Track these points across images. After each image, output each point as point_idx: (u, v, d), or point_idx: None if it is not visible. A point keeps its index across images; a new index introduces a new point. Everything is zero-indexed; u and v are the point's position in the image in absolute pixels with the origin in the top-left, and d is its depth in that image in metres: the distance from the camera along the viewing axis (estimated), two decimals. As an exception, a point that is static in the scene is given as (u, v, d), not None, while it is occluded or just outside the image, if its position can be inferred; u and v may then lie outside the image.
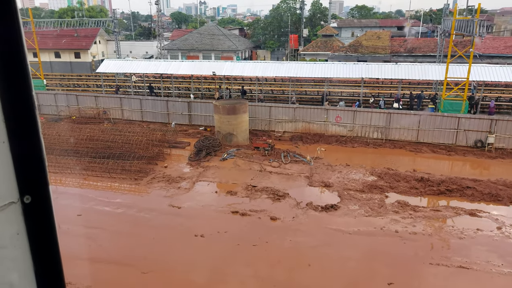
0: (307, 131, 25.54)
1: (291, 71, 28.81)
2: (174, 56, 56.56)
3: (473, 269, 12.16)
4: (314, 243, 13.81)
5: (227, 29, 72.94)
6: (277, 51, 65.32)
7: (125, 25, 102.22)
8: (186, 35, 61.48)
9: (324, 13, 71.16)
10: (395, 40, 49.25)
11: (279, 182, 18.80)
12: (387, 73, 27.07)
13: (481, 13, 23.95)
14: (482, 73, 25.43)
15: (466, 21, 24.93)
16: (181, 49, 57.41)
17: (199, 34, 59.72)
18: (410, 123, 23.74)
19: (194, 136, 25.81)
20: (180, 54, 57.24)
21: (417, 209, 15.87)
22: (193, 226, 14.92)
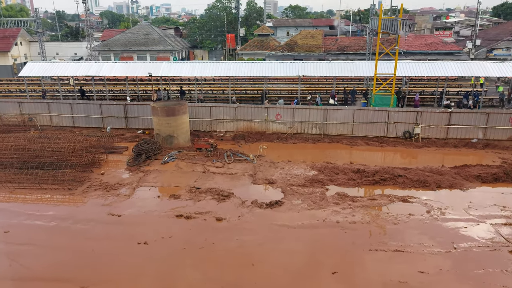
0: (249, 130, 25.73)
1: (230, 70, 28.81)
2: (106, 57, 53.96)
3: (407, 251, 13.05)
4: (260, 240, 13.94)
5: (162, 28, 71.12)
6: (215, 51, 65.03)
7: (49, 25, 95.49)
8: (118, 35, 58.95)
9: (259, 13, 72.15)
10: (328, 39, 51.32)
11: (223, 182, 18.72)
12: (322, 70, 28.12)
13: (403, 13, 25.72)
14: (407, 69, 27.37)
15: (391, 20, 26.66)
16: (114, 49, 54.94)
17: (133, 34, 57.56)
18: (345, 118, 24.88)
19: (132, 140, 24.81)
20: (113, 55, 54.77)
21: (356, 199, 16.68)
22: (135, 233, 14.32)
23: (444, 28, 65.88)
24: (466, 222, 14.85)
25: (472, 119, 23.86)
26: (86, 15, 47.89)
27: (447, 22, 75.52)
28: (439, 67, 27.10)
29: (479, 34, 50.55)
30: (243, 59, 50.64)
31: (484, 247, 13.24)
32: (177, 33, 72.88)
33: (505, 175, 18.57)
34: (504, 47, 48.81)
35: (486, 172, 18.87)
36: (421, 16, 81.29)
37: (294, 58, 44.07)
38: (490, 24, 71.05)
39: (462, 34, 68.33)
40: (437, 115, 24.06)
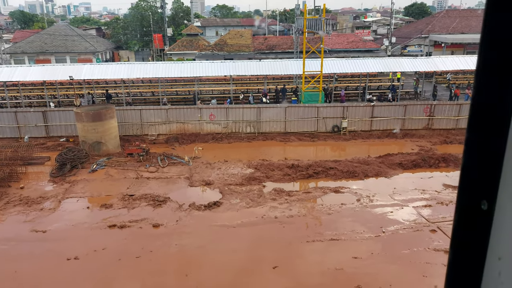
0: (183, 131, 25.20)
1: (159, 71, 27.98)
2: (20, 61, 49.38)
3: (342, 239, 13.72)
4: (200, 242, 13.73)
5: (82, 29, 66.87)
6: (142, 52, 62.72)
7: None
8: (33, 37, 54.30)
9: (186, 12, 71.04)
10: (257, 38, 52.13)
11: (158, 187, 18.12)
12: (253, 69, 28.49)
13: (326, 12, 26.98)
14: (332, 66, 28.78)
15: (315, 20, 27.82)
16: (28, 52, 50.51)
17: (49, 35, 53.38)
18: (277, 116, 25.47)
19: (55, 149, 22.99)
20: (27, 58, 50.33)
21: (292, 194, 17.15)
22: (64, 249, 13.30)
23: (363, 27, 70.41)
24: (392, 207, 16.01)
25: (392, 111, 25.78)
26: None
27: (365, 22, 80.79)
28: (361, 64, 28.90)
29: (394, 32, 54.83)
30: (172, 59, 49.49)
31: (409, 229, 14.38)
32: (99, 33, 69.03)
33: (422, 161, 20.35)
34: (416, 44, 53.50)
35: (407, 160, 20.51)
36: (342, 15, 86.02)
37: (224, 57, 44.08)
38: (403, 23, 77.40)
39: (379, 32, 73.52)
40: (362, 109, 25.62)
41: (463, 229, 0.96)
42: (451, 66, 29.34)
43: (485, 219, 0.90)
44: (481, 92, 0.87)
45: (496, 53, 0.83)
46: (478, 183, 0.91)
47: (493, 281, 0.91)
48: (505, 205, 0.86)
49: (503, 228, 0.87)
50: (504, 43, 0.81)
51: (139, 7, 65.81)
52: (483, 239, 0.91)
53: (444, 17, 56.83)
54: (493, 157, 0.86)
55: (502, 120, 0.83)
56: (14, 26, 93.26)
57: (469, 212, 0.94)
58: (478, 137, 0.89)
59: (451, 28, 53.35)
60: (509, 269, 0.86)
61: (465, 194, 0.94)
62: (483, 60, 0.85)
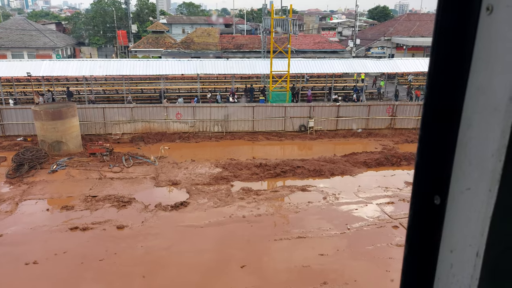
0: (148, 130, 24.66)
1: (123, 69, 27.22)
2: (-28, 55, 46.50)
3: (308, 237, 13.93)
4: (167, 244, 13.50)
5: (41, 23, 63.90)
6: (105, 48, 60.78)
7: None
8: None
9: (152, 9, 69.56)
10: (224, 37, 51.89)
11: (123, 187, 17.63)
12: (220, 68, 28.34)
13: (292, 13, 27.28)
14: (299, 66, 29.14)
15: (282, 20, 28.05)
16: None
17: (5, 29, 50.64)
18: (245, 115, 25.47)
19: (11, 149, 21.84)
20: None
21: (259, 193, 17.21)
22: (22, 253, 12.66)
23: (329, 28, 71.83)
24: (357, 205, 16.43)
25: (356, 111, 26.44)
26: None
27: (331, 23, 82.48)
28: (327, 65, 29.45)
29: (358, 34, 56.29)
30: (137, 57, 48.31)
31: (373, 225, 14.81)
32: (59, 28, 66.23)
33: (385, 160, 21.02)
34: (379, 46, 55.20)
35: (371, 158, 21.12)
36: (308, 16, 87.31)
37: (191, 56, 43.54)
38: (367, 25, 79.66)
39: (344, 34, 75.27)
40: (327, 109, 26.11)
41: (417, 223, 1.00)
42: (412, 68, 30.49)
43: (437, 213, 0.94)
44: (433, 91, 0.90)
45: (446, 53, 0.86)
46: (431, 178, 0.95)
47: (445, 273, 0.94)
48: (456, 200, 0.90)
49: (455, 222, 0.91)
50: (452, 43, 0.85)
51: (102, 2, 63.75)
52: (436, 232, 0.95)
53: (406, 21, 58.99)
54: (445, 154, 0.89)
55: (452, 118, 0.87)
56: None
57: (422, 207, 0.97)
58: (430, 134, 0.92)
59: (412, 31, 55.48)
60: (460, 261, 0.90)
61: (419, 190, 0.98)
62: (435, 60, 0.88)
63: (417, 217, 0.99)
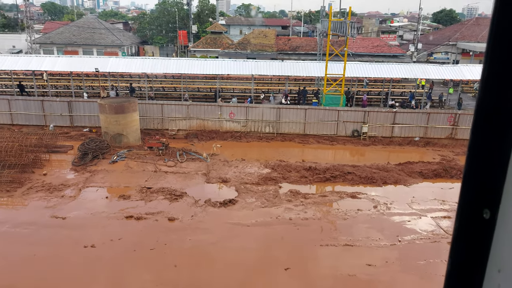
0: (202, 128, 25.41)
1: (182, 67, 28.27)
2: (48, 51, 50.73)
3: (356, 245, 13.57)
4: (214, 239, 13.82)
5: (110, 22, 68.25)
6: (166, 47, 63.48)
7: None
8: (62, 28, 55.69)
9: (212, 10, 71.54)
10: (280, 39, 52.03)
11: (175, 181, 18.33)
12: (275, 70, 28.46)
13: (351, 16, 26.73)
14: (355, 70, 28.46)
15: (340, 22, 27.58)
16: (57, 43, 51.82)
17: (78, 27, 54.65)
18: (297, 117, 25.38)
19: (78, 139, 23.56)
20: (56, 48, 51.65)
21: (307, 196, 17.06)
22: (82, 236, 13.62)
23: (389, 32, 69.34)
24: (410, 216, 15.73)
25: (414, 118, 25.30)
26: (25, 6, 44.74)
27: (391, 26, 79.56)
28: (385, 69, 28.48)
29: (421, 38, 53.78)
30: (195, 56, 49.94)
31: (426, 239, 14.10)
32: (126, 27, 70.28)
33: (444, 171, 19.91)
34: (443, 51, 52.34)
35: (427, 169, 20.11)
36: (368, 19, 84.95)
37: (247, 56, 44.18)
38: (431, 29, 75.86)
39: (405, 38, 72.27)
40: (383, 115, 25.24)
41: (463, 238, 0.92)
42: (478, 75, 28.56)
43: (486, 228, 0.87)
44: (485, 98, 0.84)
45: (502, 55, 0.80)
46: (480, 190, 0.87)
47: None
48: (508, 215, 0.83)
49: (505, 239, 0.84)
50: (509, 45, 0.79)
51: (166, 3, 66.67)
52: (483, 249, 0.88)
53: (474, 25, 55.36)
54: (497, 164, 0.83)
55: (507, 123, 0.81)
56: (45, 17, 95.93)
57: (470, 220, 0.90)
58: (482, 140, 0.86)
59: (480, 36, 51.93)
60: (509, 282, 0.83)
61: (467, 202, 0.91)
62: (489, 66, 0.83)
63: (463, 231, 0.92)
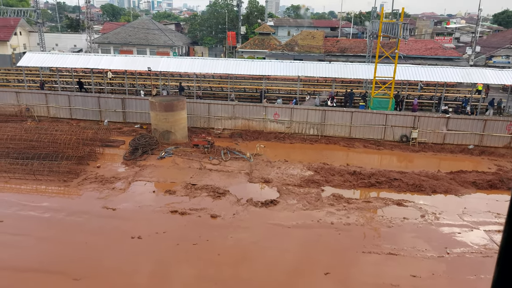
0: (247, 128, 25.71)
1: (229, 68, 28.76)
2: (106, 50, 53.68)
3: (400, 255, 13.10)
4: (255, 238, 13.95)
5: (163, 23, 70.88)
6: (215, 48, 64.88)
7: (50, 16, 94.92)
8: (119, 29, 58.66)
9: (261, 12, 72.08)
10: (329, 40, 51.34)
11: (219, 179, 18.70)
12: (322, 71, 28.14)
13: (404, 17, 25.80)
14: (406, 73, 27.44)
15: (391, 24, 26.71)
16: (114, 43, 54.67)
17: (133, 28, 57.31)
18: (343, 120, 24.92)
19: (129, 134, 24.74)
20: (113, 48, 54.50)
21: (351, 201, 16.72)
22: (129, 228, 14.29)
23: (444, 34, 66.06)
24: (460, 228, 14.92)
25: (469, 125, 23.95)
26: (86, 7, 47.65)
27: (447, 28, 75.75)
28: (438, 72, 27.20)
29: (479, 41, 50.77)
30: (243, 57, 50.58)
31: (477, 253, 13.31)
32: (177, 28, 72.64)
33: (500, 182, 18.67)
34: (504, 55, 49.03)
35: (482, 179, 18.95)
36: (422, 20, 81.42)
37: (294, 58, 44.04)
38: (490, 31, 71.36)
39: (462, 40, 68.56)
40: (435, 120, 24.13)
41: None
42: (544, 81, 26.46)
43: None
44: None
45: None
46: None
47: None
48: None
49: None
50: None
51: (216, 4, 68.14)
52: None
53: (541, 27, 51.32)
54: None
55: None
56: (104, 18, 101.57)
57: None
58: None
59: (548, 39, 48.07)
60: None
61: None
62: None
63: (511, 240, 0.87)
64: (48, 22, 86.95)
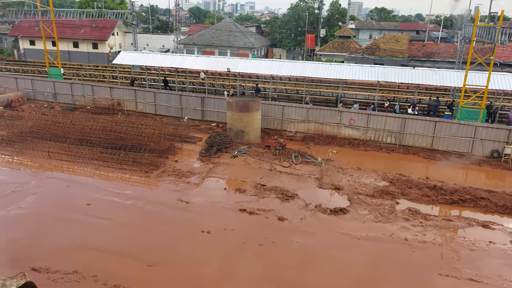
0: (320, 132, 25.32)
1: (306, 71, 28.58)
2: (190, 51, 56.73)
3: (483, 282, 11.87)
4: (321, 245, 13.66)
5: (244, 26, 72.88)
6: (293, 50, 65.03)
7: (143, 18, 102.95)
8: (203, 31, 61.60)
9: (342, 14, 70.56)
10: (414, 44, 48.55)
11: (288, 182, 18.67)
12: (404, 77, 26.65)
13: (503, 20, 23.36)
14: (502, 82, 24.84)
15: (487, 28, 24.37)
16: (197, 44, 57.55)
17: (216, 30, 59.77)
18: (425, 129, 23.34)
19: (206, 132, 25.82)
20: (196, 49, 57.39)
21: (428, 218, 15.58)
22: (200, 221, 14.90)
23: (552, 39, 58.50)
24: (559, 260, 13.08)
25: None
26: (176, 10, 50.82)
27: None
28: (543, 83, 24.15)
29: None
30: (321, 60, 49.96)
31: None
32: (258, 31, 74.16)
33: None
34: None
35: None
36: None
37: (374, 62, 42.39)
38: None
39: None
40: (534, 136, 21.48)
41: None
42: None
43: None
44: None
45: None
46: None
47: None
48: None
49: None
50: None
51: (298, 7, 68.22)
52: None
53: None
54: None
55: None
56: (191, 21, 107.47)
57: None
58: None
59: None
60: None
61: None
62: None
63: None
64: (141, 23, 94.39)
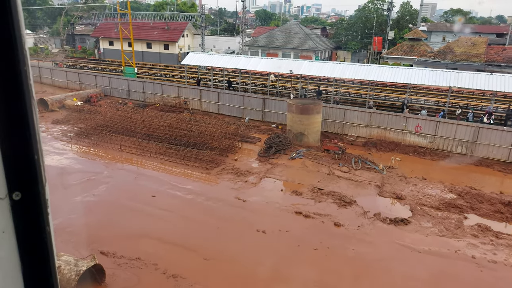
0: (383, 138, 24.41)
1: (371, 74, 27.72)
2: (254, 53, 57.63)
3: None
4: (378, 256, 13.20)
5: (309, 28, 72.40)
6: (358, 53, 63.26)
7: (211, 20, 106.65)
8: (268, 33, 62.23)
9: (413, 16, 67.25)
10: (492, 48, 44.89)
11: (347, 188, 18.26)
12: (480, 83, 24.76)
13: None
14: None
15: None
16: (262, 46, 58.29)
17: (281, 32, 60.06)
18: (501, 140, 21.51)
19: (266, 133, 26.11)
20: (260, 51, 58.14)
21: (501, 236, 14.36)
22: (256, 221, 15.13)
23: None
24: None
25: None
26: (243, 13, 51.99)
27: None
28: None
29: None
30: (387, 63, 48.06)
31: None
32: (323, 33, 73.25)
33: None
34: None
35: None
36: None
37: (446, 66, 39.88)
38: None
39: None
40: None
41: None
42: None
43: None
44: None
45: None
46: None
47: None
48: None
49: None
50: None
51: (365, 9, 66.27)
52: None
53: None
54: None
55: None
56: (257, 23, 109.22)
57: None
58: None
59: None
60: None
61: None
62: None
63: None
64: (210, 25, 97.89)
